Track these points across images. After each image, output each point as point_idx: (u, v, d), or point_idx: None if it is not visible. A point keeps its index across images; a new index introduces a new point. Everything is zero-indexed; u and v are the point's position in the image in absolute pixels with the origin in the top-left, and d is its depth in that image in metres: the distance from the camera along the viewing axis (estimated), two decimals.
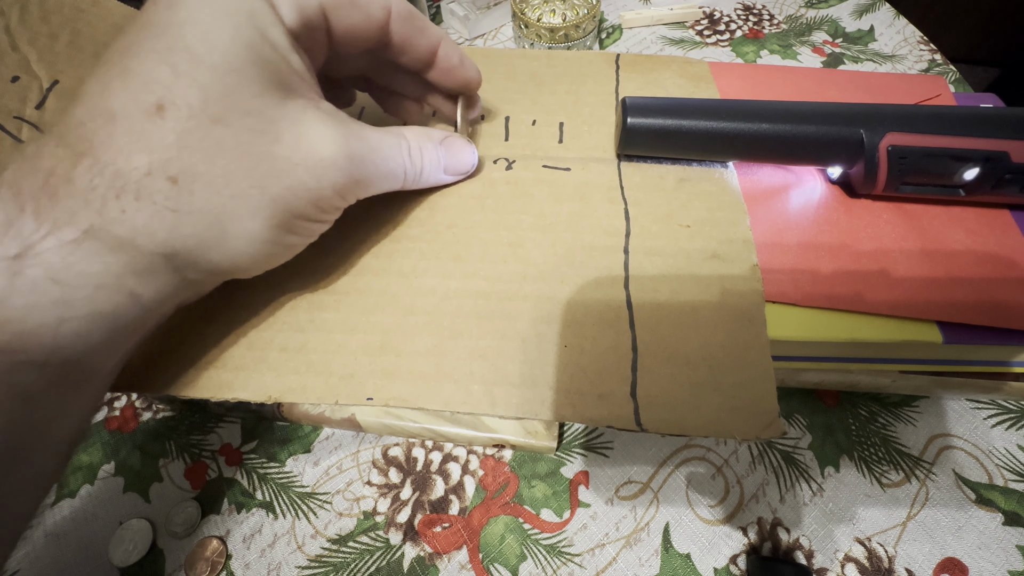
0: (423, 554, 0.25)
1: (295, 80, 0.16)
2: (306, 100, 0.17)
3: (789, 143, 0.22)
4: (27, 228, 0.13)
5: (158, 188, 0.14)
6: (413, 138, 0.20)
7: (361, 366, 0.19)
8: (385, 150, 0.19)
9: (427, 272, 0.21)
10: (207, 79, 0.14)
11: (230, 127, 0.15)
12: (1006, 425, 0.27)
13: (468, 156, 0.23)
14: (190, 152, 0.14)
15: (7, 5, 0.26)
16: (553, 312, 0.20)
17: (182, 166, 0.14)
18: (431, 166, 0.21)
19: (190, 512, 0.26)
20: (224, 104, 0.15)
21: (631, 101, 0.23)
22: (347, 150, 0.17)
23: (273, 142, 0.16)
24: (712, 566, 0.24)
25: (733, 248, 0.21)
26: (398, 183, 0.20)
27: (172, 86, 0.14)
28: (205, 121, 0.14)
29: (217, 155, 0.15)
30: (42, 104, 0.26)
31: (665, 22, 0.47)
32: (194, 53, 0.14)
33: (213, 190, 0.15)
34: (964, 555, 0.24)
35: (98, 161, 0.14)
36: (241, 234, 0.16)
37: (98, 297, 0.14)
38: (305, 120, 0.16)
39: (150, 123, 0.14)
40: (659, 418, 0.17)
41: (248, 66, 0.15)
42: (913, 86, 0.29)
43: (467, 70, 0.22)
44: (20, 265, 0.13)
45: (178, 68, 0.14)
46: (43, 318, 0.13)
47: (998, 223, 0.23)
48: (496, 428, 0.27)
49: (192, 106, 0.14)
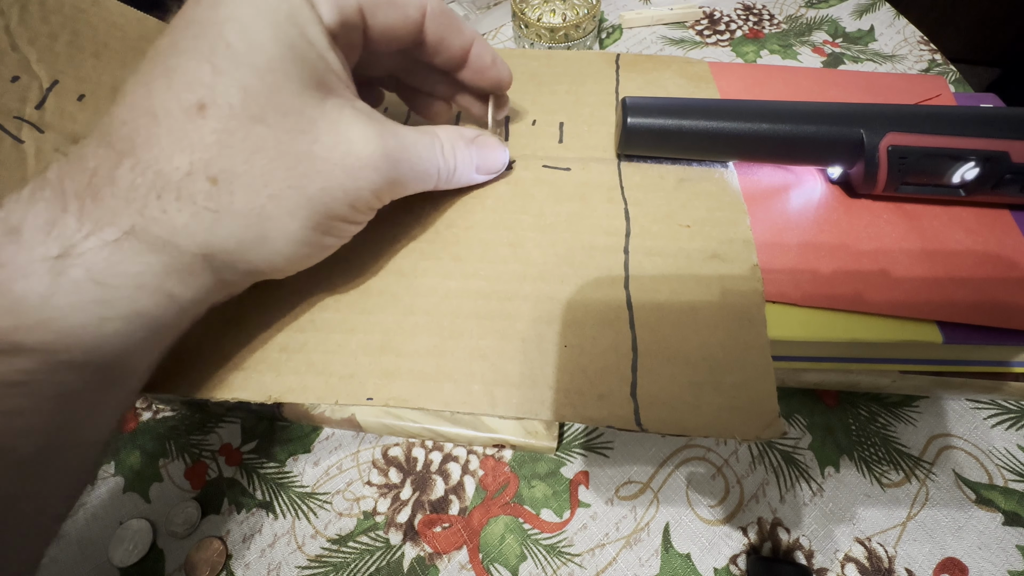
0: (423, 554, 0.25)
1: (332, 79, 0.16)
2: (343, 99, 0.17)
3: (789, 143, 0.22)
4: (70, 228, 0.13)
5: (198, 188, 0.14)
6: (446, 137, 0.20)
7: (361, 366, 0.19)
8: (420, 149, 0.19)
9: (427, 272, 0.21)
10: (248, 78, 0.14)
11: (270, 126, 0.15)
12: (1006, 425, 0.27)
13: (500, 155, 0.22)
14: (230, 152, 0.14)
15: (7, 5, 0.26)
16: (553, 312, 0.20)
17: (222, 166, 0.14)
18: (464, 165, 0.21)
19: (190, 512, 0.26)
20: (264, 103, 0.14)
21: (631, 101, 0.23)
22: (384, 150, 0.17)
23: (312, 142, 0.15)
24: (712, 566, 0.24)
25: (733, 248, 0.21)
26: (431, 183, 0.20)
27: (213, 85, 0.14)
28: (245, 120, 0.14)
29: (257, 155, 0.15)
30: (42, 104, 0.26)
31: (665, 22, 0.47)
32: (235, 52, 0.14)
33: (252, 190, 0.15)
34: (964, 555, 0.24)
35: (140, 161, 0.14)
36: (279, 235, 0.16)
37: (138, 297, 0.14)
38: (343, 119, 0.16)
39: (191, 123, 0.14)
40: (659, 418, 0.17)
41: (288, 65, 0.15)
42: (913, 86, 0.29)
43: (499, 70, 0.22)
44: (63, 265, 0.13)
45: (219, 67, 0.14)
46: (84, 318, 0.13)
47: (998, 223, 0.23)
48: (496, 428, 0.27)
49: (233, 105, 0.14)
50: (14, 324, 0.13)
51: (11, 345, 0.12)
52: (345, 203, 0.16)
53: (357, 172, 0.16)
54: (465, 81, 0.22)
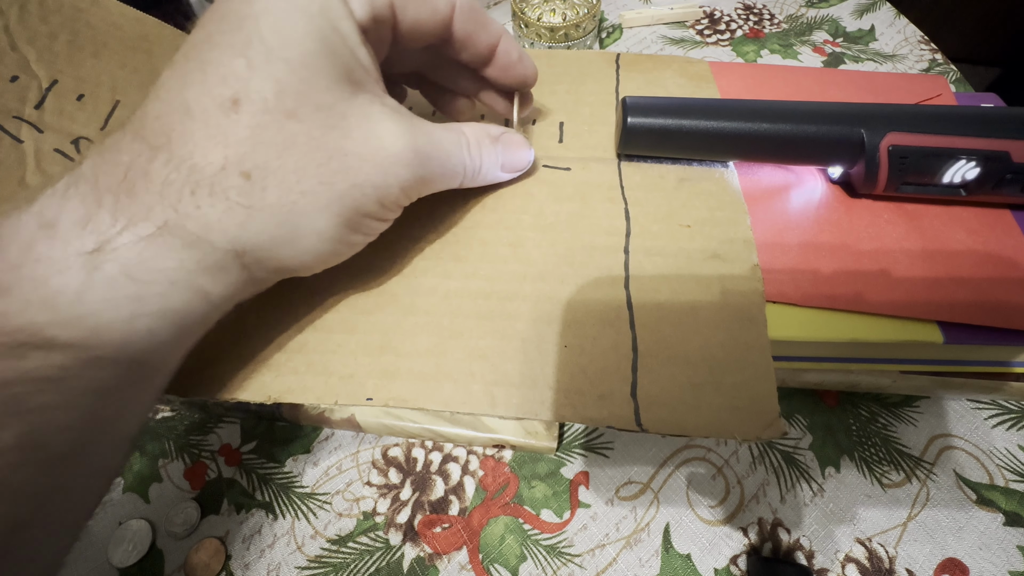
0: (423, 554, 0.25)
1: (362, 75, 0.16)
2: (372, 95, 0.17)
3: (790, 143, 0.22)
4: (104, 223, 0.13)
5: (232, 184, 0.14)
6: (472, 134, 0.20)
7: (361, 366, 0.19)
8: (448, 146, 0.19)
9: (427, 272, 0.21)
10: (281, 73, 0.14)
11: (303, 122, 0.15)
12: (1007, 425, 0.27)
13: (525, 153, 0.22)
14: (264, 147, 0.14)
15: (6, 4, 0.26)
16: (553, 312, 0.20)
17: (256, 161, 0.14)
18: (489, 163, 0.21)
19: (189, 512, 0.26)
20: (297, 98, 0.14)
21: (631, 101, 0.23)
22: (414, 146, 0.17)
23: (343, 137, 0.15)
24: (712, 567, 0.24)
25: (734, 248, 0.21)
26: (457, 180, 0.20)
27: (248, 80, 0.14)
28: (279, 116, 0.14)
29: (289, 150, 0.14)
30: (41, 104, 0.26)
31: (665, 22, 0.47)
32: (269, 46, 0.14)
33: (285, 186, 0.15)
34: (965, 555, 0.24)
35: (174, 156, 0.14)
36: (310, 231, 0.15)
37: (170, 294, 0.14)
38: (373, 115, 0.16)
39: (225, 118, 0.14)
40: (659, 418, 0.17)
41: (320, 60, 0.15)
42: (914, 86, 0.29)
43: (525, 67, 0.21)
44: (97, 260, 0.13)
45: (253, 61, 0.14)
46: (118, 314, 0.13)
47: (999, 223, 0.23)
48: (496, 428, 0.27)
49: (267, 100, 0.14)
50: (49, 319, 0.12)
51: (46, 340, 0.12)
52: (375, 200, 0.16)
53: (387, 169, 0.16)
54: (490, 78, 0.22)
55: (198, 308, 0.15)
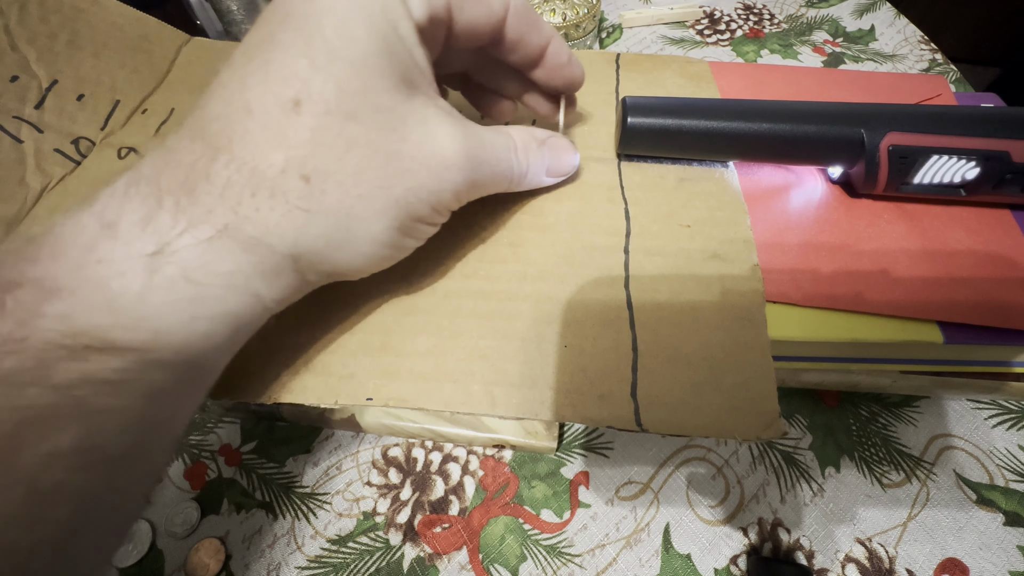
0: (423, 554, 0.25)
1: (418, 76, 0.16)
2: (427, 97, 0.16)
3: (789, 143, 0.22)
4: (165, 224, 0.13)
5: (292, 186, 0.14)
6: (519, 138, 0.20)
7: (361, 366, 0.19)
8: (498, 150, 0.18)
9: (427, 272, 0.21)
10: (343, 73, 0.14)
11: (362, 124, 0.14)
12: (1007, 425, 0.27)
13: (571, 158, 0.22)
14: (324, 150, 0.14)
15: (6, 5, 0.26)
16: (553, 312, 0.20)
17: (315, 164, 0.14)
18: (535, 168, 0.20)
19: (189, 512, 0.26)
20: (358, 100, 0.14)
21: (631, 101, 0.23)
22: (467, 150, 0.17)
23: (401, 140, 0.15)
24: (712, 567, 0.24)
25: (733, 248, 0.21)
26: (504, 185, 0.20)
27: (310, 80, 0.14)
28: (339, 117, 0.14)
29: (349, 153, 0.14)
30: (41, 104, 0.26)
31: (665, 21, 0.47)
32: (332, 46, 0.14)
33: (343, 190, 0.14)
34: (965, 555, 0.24)
35: (235, 157, 0.13)
36: (365, 236, 0.15)
37: (227, 297, 0.14)
38: (429, 118, 0.16)
39: (286, 119, 0.14)
40: (659, 418, 0.17)
41: (381, 61, 0.14)
42: (914, 86, 0.29)
43: (574, 69, 0.21)
44: (157, 263, 0.13)
45: (316, 62, 0.14)
46: (177, 317, 0.13)
47: (999, 223, 0.23)
48: (496, 428, 0.27)
49: (328, 101, 0.14)
50: (111, 322, 0.12)
51: (107, 343, 0.12)
52: (428, 204, 0.16)
53: (442, 173, 0.16)
54: (537, 80, 0.21)
55: (252, 312, 0.15)
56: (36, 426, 0.11)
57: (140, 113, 0.29)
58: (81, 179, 0.26)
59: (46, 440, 0.11)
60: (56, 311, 0.12)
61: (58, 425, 0.11)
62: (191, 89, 0.30)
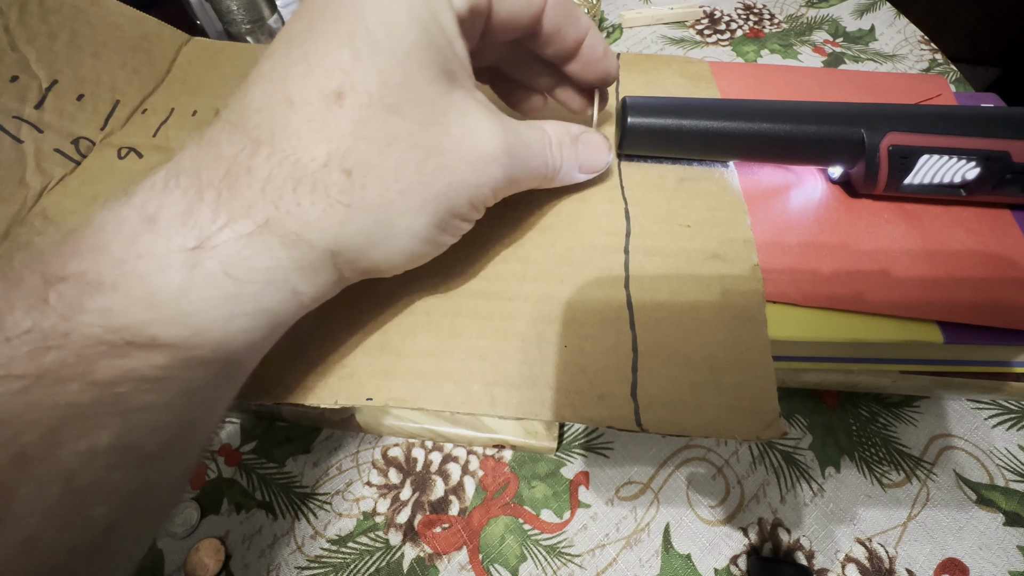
0: (423, 555, 0.25)
1: (458, 68, 0.16)
2: (467, 90, 0.16)
3: (790, 143, 0.22)
4: (205, 218, 0.13)
5: (333, 181, 0.13)
6: (554, 133, 0.19)
7: (361, 366, 0.19)
8: (534, 146, 0.18)
9: (426, 271, 0.21)
10: (386, 65, 0.14)
11: (404, 117, 0.14)
12: (1007, 425, 0.27)
13: (604, 154, 0.21)
14: (366, 143, 0.14)
15: (6, 5, 0.26)
16: (553, 312, 0.20)
17: (357, 158, 0.14)
18: (569, 163, 0.20)
19: (189, 513, 0.26)
20: (400, 92, 0.14)
21: (631, 101, 0.23)
22: (506, 145, 0.16)
23: (442, 135, 0.15)
24: (713, 567, 0.24)
25: (733, 248, 0.21)
26: (538, 181, 0.19)
27: (352, 72, 0.13)
28: (381, 110, 0.14)
29: (391, 147, 0.14)
30: (41, 104, 0.26)
31: (665, 21, 0.47)
32: (375, 37, 0.13)
33: (384, 184, 0.14)
34: (965, 555, 0.24)
35: (277, 150, 0.13)
36: (404, 232, 0.15)
37: (265, 294, 0.14)
38: (469, 112, 0.16)
39: (329, 111, 0.13)
40: (659, 418, 0.17)
41: (423, 52, 0.14)
42: (914, 86, 0.29)
43: (609, 63, 0.20)
44: (198, 257, 0.12)
45: (359, 53, 0.13)
46: (217, 313, 0.13)
47: (999, 223, 0.23)
48: (496, 428, 0.26)
49: (371, 94, 0.13)
50: (152, 318, 0.12)
51: (148, 339, 0.12)
52: (467, 199, 0.16)
53: (482, 168, 0.16)
54: (571, 73, 0.21)
55: (289, 308, 0.14)
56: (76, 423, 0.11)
57: (140, 113, 0.29)
58: (81, 179, 0.26)
59: (85, 437, 0.11)
60: (98, 306, 0.12)
61: (98, 422, 0.11)
62: (191, 89, 0.30)
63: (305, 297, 0.15)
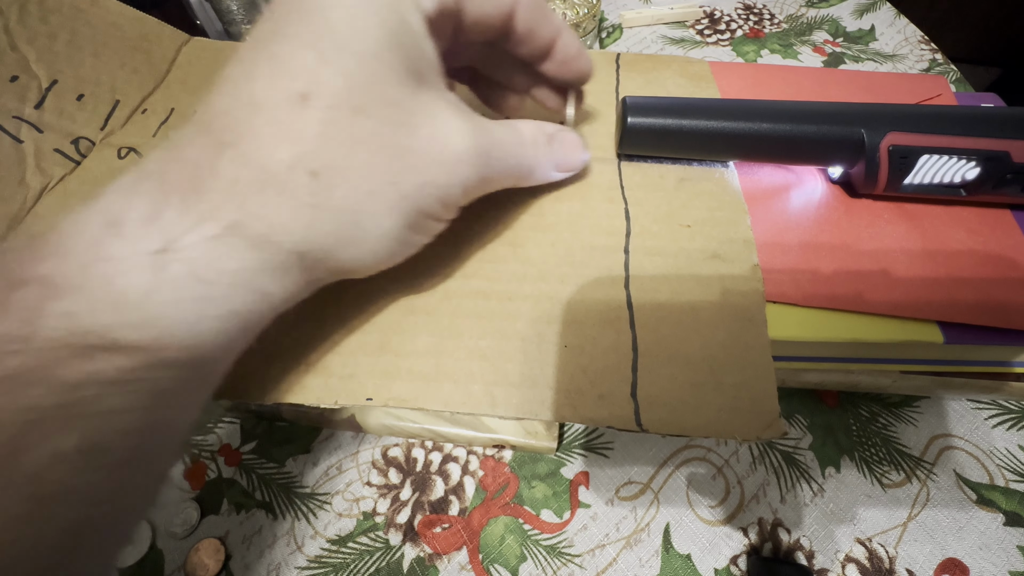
0: (423, 555, 0.25)
1: (427, 69, 0.16)
2: (437, 91, 0.16)
3: (790, 143, 0.22)
4: (171, 221, 0.13)
5: (300, 183, 0.13)
6: (528, 132, 0.19)
7: (361, 366, 0.19)
8: (507, 145, 0.18)
9: (426, 272, 0.21)
10: (352, 66, 0.14)
11: (371, 118, 0.14)
12: (1007, 425, 0.27)
13: (579, 152, 0.21)
14: (333, 145, 0.14)
15: (6, 4, 0.26)
16: (553, 312, 0.20)
17: (324, 159, 0.14)
18: (544, 162, 0.20)
19: (189, 513, 0.26)
20: (367, 93, 0.14)
21: (631, 100, 0.23)
22: (477, 145, 0.16)
23: (410, 135, 0.15)
24: (713, 567, 0.24)
25: (734, 248, 0.21)
26: (513, 180, 0.19)
27: (318, 73, 0.13)
28: (348, 112, 0.14)
29: (357, 148, 0.14)
30: (41, 104, 0.26)
31: (665, 21, 0.47)
32: (340, 39, 0.14)
33: (351, 185, 0.14)
34: (965, 555, 0.24)
35: (242, 153, 0.13)
36: (374, 233, 0.15)
37: (233, 296, 0.14)
38: (439, 112, 0.16)
39: (294, 113, 0.13)
40: (660, 418, 0.17)
41: (390, 53, 0.14)
42: (914, 86, 0.29)
43: (583, 62, 0.20)
44: (164, 260, 0.12)
45: (324, 54, 0.13)
46: (183, 316, 0.13)
47: (999, 223, 0.23)
48: (496, 428, 0.26)
49: (337, 95, 0.14)
50: (117, 321, 0.12)
51: (113, 342, 0.12)
52: (438, 200, 0.16)
53: (452, 168, 0.16)
54: (546, 73, 0.21)
55: (259, 310, 0.14)
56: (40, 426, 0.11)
57: (140, 113, 0.29)
58: (81, 179, 0.26)
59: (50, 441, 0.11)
60: (61, 309, 0.12)
61: (63, 426, 0.11)
62: (191, 89, 0.30)
63: (275, 298, 0.15)
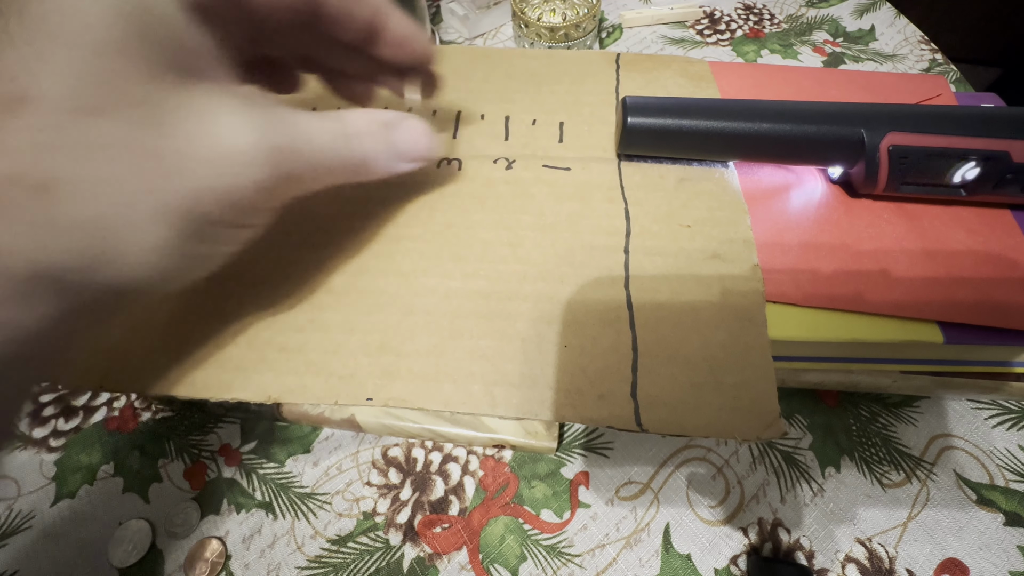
0: (423, 555, 0.25)
1: (195, 60, 0.14)
2: (212, 84, 0.15)
3: (790, 143, 0.22)
4: None
5: (20, 200, 0.12)
6: (355, 123, 0.18)
7: (361, 366, 0.19)
8: (319, 139, 0.16)
9: (427, 272, 0.21)
10: (79, 64, 0.12)
11: (110, 120, 0.12)
12: (1007, 425, 0.27)
13: (422, 139, 0.19)
14: (61, 153, 0.12)
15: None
16: (553, 312, 0.20)
17: (50, 172, 0.12)
18: (379, 153, 0.18)
19: (189, 512, 0.26)
20: (101, 93, 0.12)
21: (631, 100, 0.23)
22: (268, 141, 0.15)
23: (166, 136, 0.13)
24: (713, 567, 0.24)
25: (734, 248, 0.21)
26: (340, 174, 0.18)
27: (36, 74, 0.12)
28: (79, 114, 0.12)
29: (95, 155, 0.12)
30: None
31: (665, 21, 0.47)
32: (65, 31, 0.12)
33: (94, 197, 0.12)
34: (965, 556, 0.24)
35: None
36: (140, 247, 0.13)
37: None
38: (209, 108, 0.14)
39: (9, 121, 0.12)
40: (659, 418, 0.17)
41: (132, 46, 0.13)
42: (914, 86, 0.29)
43: (418, 42, 0.19)
44: None
45: (43, 52, 0.12)
46: None
47: (999, 223, 0.23)
48: (496, 428, 0.26)
49: (62, 97, 0.12)
50: None
51: None
52: (219, 204, 0.14)
53: (231, 169, 0.14)
54: (383, 57, 0.19)
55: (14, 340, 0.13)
56: None
57: None
58: None
59: None
60: None
61: None
62: None
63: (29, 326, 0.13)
